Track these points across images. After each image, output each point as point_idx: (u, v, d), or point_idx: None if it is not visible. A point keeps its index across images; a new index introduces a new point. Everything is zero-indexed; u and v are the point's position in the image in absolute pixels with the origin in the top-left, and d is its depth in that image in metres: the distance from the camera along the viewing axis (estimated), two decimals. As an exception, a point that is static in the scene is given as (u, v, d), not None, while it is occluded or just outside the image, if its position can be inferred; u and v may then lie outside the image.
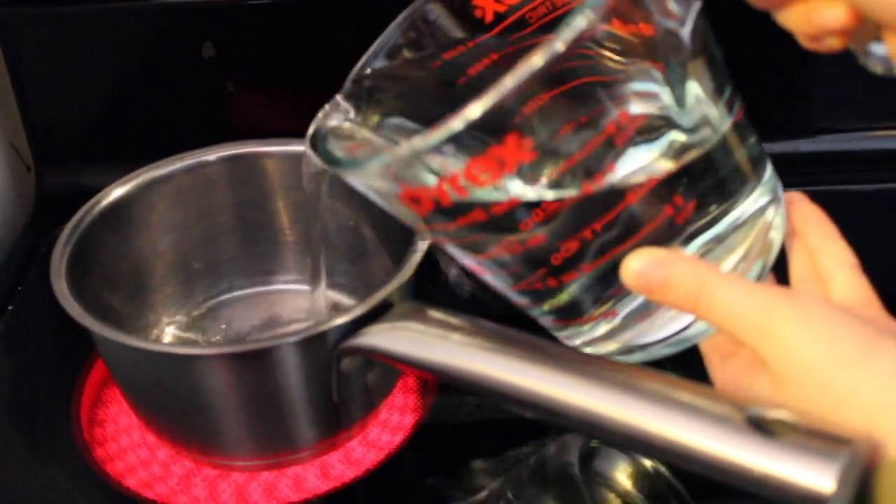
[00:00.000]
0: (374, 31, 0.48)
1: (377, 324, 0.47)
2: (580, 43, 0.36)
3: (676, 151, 0.40)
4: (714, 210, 0.41)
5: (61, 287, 0.49)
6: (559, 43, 0.35)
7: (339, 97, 0.48)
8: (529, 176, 0.39)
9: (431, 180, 0.38)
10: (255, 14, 0.71)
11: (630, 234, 0.40)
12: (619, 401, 0.39)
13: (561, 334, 0.45)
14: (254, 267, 0.62)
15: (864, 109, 0.74)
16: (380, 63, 0.48)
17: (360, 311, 0.47)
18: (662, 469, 0.53)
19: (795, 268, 0.44)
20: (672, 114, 0.41)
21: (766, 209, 0.43)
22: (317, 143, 0.45)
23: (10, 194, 0.74)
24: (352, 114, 0.48)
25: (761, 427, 0.36)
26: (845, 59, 0.40)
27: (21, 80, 0.71)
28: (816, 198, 0.45)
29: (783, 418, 0.36)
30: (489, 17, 0.47)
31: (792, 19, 0.38)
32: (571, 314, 0.43)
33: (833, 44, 0.38)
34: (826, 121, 0.75)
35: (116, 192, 0.56)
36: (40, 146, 0.74)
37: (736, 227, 0.42)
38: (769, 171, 0.44)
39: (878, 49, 0.39)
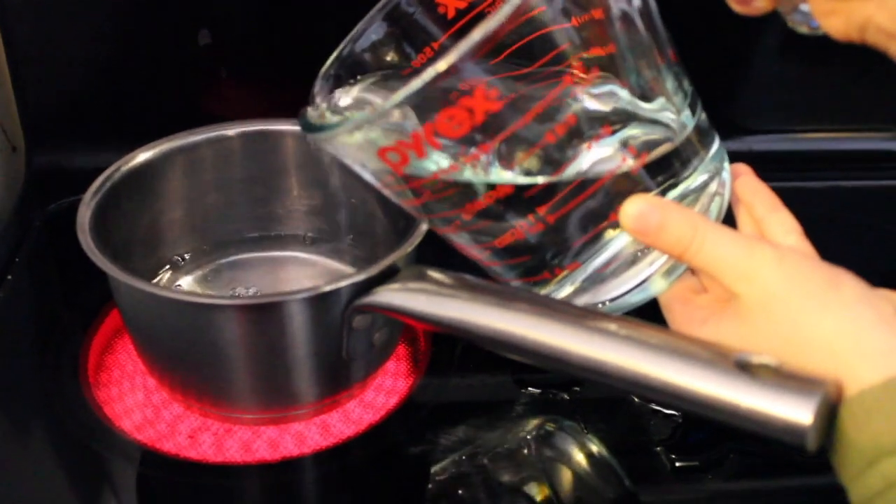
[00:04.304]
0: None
1: (388, 283, 0.50)
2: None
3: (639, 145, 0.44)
4: (663, 180, 0.45)
5: (87, 241, 0.52)
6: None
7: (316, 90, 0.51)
8: (492, 137, 0.42)
9: (407, 135, 0.41)
10: (252, 2, 0.72)
11: (589, 185, 0.43)
12: (620, 349, 0.43)
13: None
14: (263, 235, 0.65)
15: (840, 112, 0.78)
16: (359, 49, 0.51)
17: (373, 270, 0.51)
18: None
19: (745, 233, 0.48)
20: (630, 106, 0.44)
21: (711, 182, 0.47)
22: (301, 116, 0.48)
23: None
24: (331, 98, 0.51)
25: (747, 370, 0.40)
26: (837, 62, 0.43)
27: (15, 61, 0.71)
28: (806, 194, 0.48)
29: (766, 362, 0.41)
30: (451, 14, 0.50)
31: None
32: (537, 270, 0.46)
33: (761, 6, 0.43)
34: (815, 122, 0.78)
35: (140, 157, 0.59)
36: (32, 127, 0.74)
37: (682, 199, 0.46)
38: (717, 143, 0.47)
39: (803, 7, 0.43)
